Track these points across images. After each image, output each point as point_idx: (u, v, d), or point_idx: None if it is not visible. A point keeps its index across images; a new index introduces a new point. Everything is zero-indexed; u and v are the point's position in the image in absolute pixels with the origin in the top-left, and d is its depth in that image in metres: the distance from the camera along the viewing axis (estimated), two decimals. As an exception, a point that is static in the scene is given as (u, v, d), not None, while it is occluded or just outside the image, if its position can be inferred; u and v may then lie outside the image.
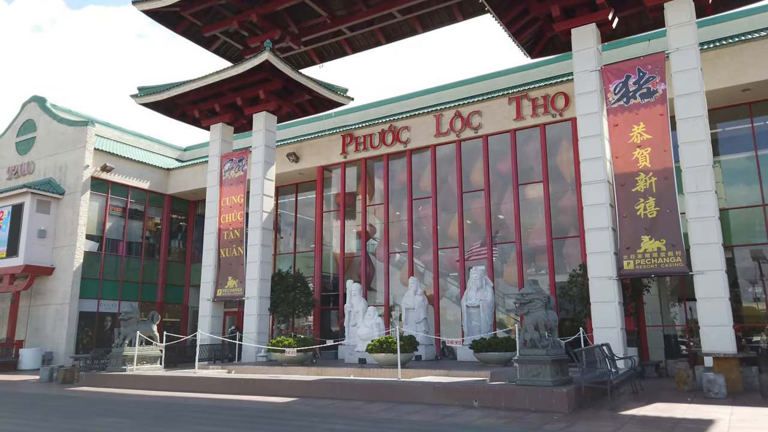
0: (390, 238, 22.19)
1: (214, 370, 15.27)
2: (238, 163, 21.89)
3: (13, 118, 29.00)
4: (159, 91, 22.12)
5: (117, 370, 15.07)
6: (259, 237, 20.68)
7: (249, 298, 20.30)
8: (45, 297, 24.74)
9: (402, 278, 22.14)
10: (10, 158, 28.24)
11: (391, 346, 13.23)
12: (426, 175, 22.00)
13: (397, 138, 22.38)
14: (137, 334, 15.47)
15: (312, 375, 13.62)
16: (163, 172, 29.15)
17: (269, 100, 21.41)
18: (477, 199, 20.76)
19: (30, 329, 24.55)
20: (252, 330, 19.74)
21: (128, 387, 14.05)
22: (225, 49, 23.93)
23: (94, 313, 25.09)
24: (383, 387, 10.73)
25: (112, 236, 26.58)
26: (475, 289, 16.75)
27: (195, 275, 29.41)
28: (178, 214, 29.79)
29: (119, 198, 27.03)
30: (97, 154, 25.90)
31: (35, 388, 14.69)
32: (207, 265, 21.73)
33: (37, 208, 24.69)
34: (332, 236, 24.51)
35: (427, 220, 21.73)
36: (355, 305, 19.17)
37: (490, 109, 20.51)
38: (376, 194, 23.25)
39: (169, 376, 13.86)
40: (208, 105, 22.53)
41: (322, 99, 22.79)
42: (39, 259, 24.43)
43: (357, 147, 23.37)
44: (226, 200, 21.82)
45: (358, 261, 23.63)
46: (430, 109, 21.98)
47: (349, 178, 23.90)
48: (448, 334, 19.39)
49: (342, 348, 18.80)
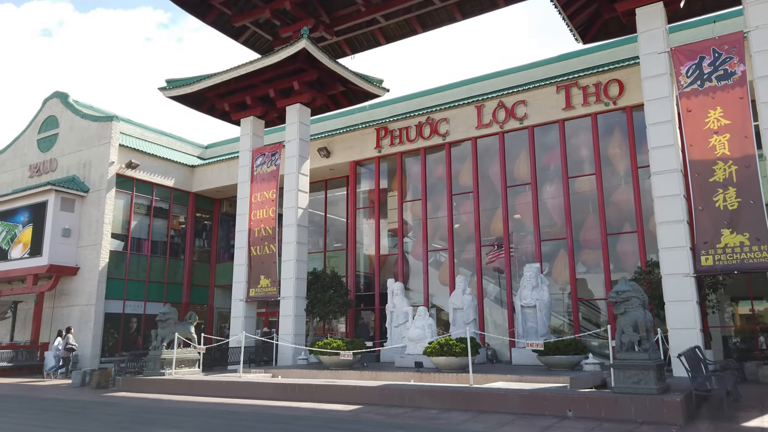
0: (428, 236, 21.21)
1: (258, 374, 14.36)
2: (271, 158, 21.00)
3: (35, 115, 28.30)
4: (188, 83, 21.30)
5: (155, 374, 14.19)
6: (294, 234, 19.78)
7: (285, 298, 19.39)
8: (69, 298, 23.96)
9: (441, 277, 21.18)
10: (32, 155, 27.52)
11: (453, 348, 12.25)
12: (466, 169, 21.02)
13: (435, 130, 21.42)
14: (175, 336, 14.59)
15: (367, 380, 12.68)
16: (188, 170, 28.34)
17: (303, 92, 20.51)
18: (522, 193, 19.76)
19: (54, 331, 23.75)
20: (288, 332, 18.83)
21: (169, 392, 13.17)
22: (254, 41, 23.10)
23: (120, 314, 24.28)
24: (458, 394, 9.76)
25: (137, 235, 25.77)
26: (530, 287, 15.75)
27: (220, 275, 28.64)
28: (202, 212, 28.98)
29: (144, 196, 26.23)
30: (121, 150, 25.11)
31: (70, 393, 13.84)
32: (238, 264, 20.85)
33: (61, 207, 23.92)
34: (363, 234, 23.59)
35: (468, 216, 20.74)
36: (398, 305, 18.22)
37: (536, 99, 19.50)
38: (412, 190, 22.29)
39: (212, 381, 12.96)
40: (238, 97, 21.67)
41: (357, 91, 21.88)
42: (63, 259, 23.65)
43: (392, 141, 22.42)
44: (257, 196, 20.94)
45: (392, 260, 22.69)
46: (470, 99, 20.99)
47: (383, 173, 22.97)
48: (494, 336, 18.36)
49: (385, 351, 17.84)
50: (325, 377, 13.61)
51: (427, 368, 13.41)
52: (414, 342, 14.63)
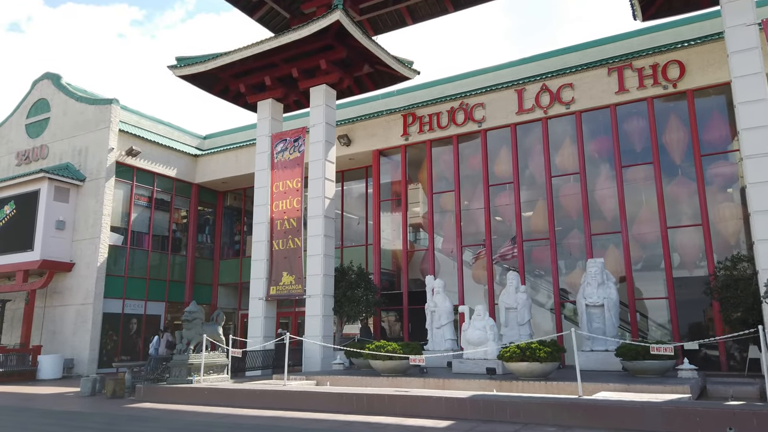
0: (462, 230, 19.67)
1: (300, 382, 12.59)
2: (294, 144, 19.22)
3: (22, 98, 26.01)
4: (201, 61, 19.41)
5: (181, 381, 12.33)
6: (321, 226, 18.04)
7: (311, 297, 17.63)
8: (63, 296, 21.80)
9: (476, 275, 19.66)
10: (20, 142, 25.25)
11: (537, 353, 10.69)
12: (504, 158, 19.54)
13: (470, 116, 19.89)
14: (203, 338, 12.74)
15: (434, 389, 11.03)
16: (191, 159, 26.36)
17: (330, 71, 18.80)
18: (568, 184, 18.35)
19: (46, 333, 21.60)
20: (316, 333, 17.07)
21: (201, 403, 11.33)
22: (269, 18, 21.30)
23: (119, 314, 22.20)
24: (578, 407, 8.17)
25: (137, 229, 23.70)
26: (595, 284, 14.28)
27: (224, 273, 26.70)
28: (204, 205, 26.99)
29: (145, 186, 24.18)
30: (121, 136, 23.06)
31: (84, 404, 11.89)
32: (258, 259, 19.00)
33: (54, 196, 21.76)
34: (387, 229, 21.93)
35: (507, 209, 19.25)
36: (440, 304, 16.61)
37: (584, 82, 18.11)
38: (443, 181, 20.72)
39: (253, 390, 11.17)
40: (256, 78, 19.84)
41: (384, 73, 20.24)
42: (57, 254, 21.50)
43: (421, 127, 20.83)
44: (279, 185, 19.13)
45: (419, 256, 21.10)
46: (510, 83, 19.52)
47: (408, 163, 21.36)
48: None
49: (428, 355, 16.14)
50: (380, 385, 11.94)
51: (503, 375, 11.82)
52: (474, 345, 13.04)
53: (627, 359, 11.63)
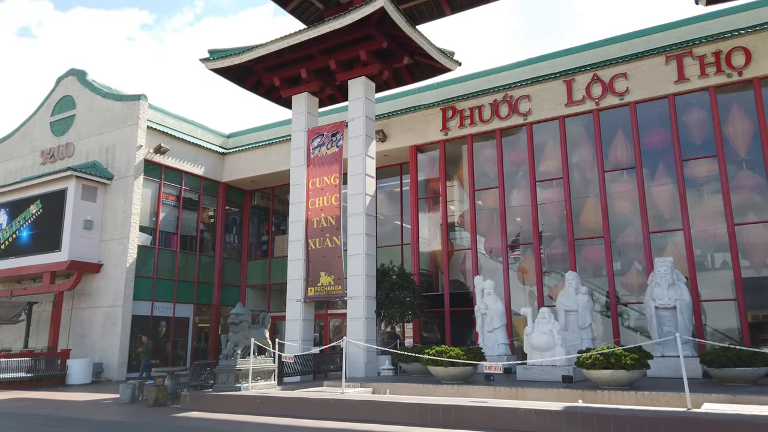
0: (507, 229, 18.75)
1: (357, 390, 11.72)
2: (332, 138, 18.41)
3: (47, 96, 25.46)
4: (236, 53, 18.68)
5: (229, 388, 11.51)
6: (362, 224, 17.21)
7: (353, 298, 16.79)
8: (91, 298, 21.13)
9: (521, 277, 18.73)
10: (44, 140, 24.67)
11: (623, 360, 9.75)
12: (551, 152, 18.61)
13: (515, 109, 18.99)
14: (251, 342, 11.92)
15: (509, 398, 10.15)
16: (218, 157, 25.65)
17: (370, 63, 17.98)
18: (623, 180, 17.39)
19: (74, 336, 20.93)
20: (359, 336, 16.21)
21: (254, 412, 10.50)
22: (303, 9, 20.49)
23: (148, 317, 21.49)
24: (694, 423, 7.25)
25: (165, 228, 23.00)
26: (665, 285, 13.28)
27: (251, 275, 25.97)
28: (231, 205, 26.26)
29: (172, 185, 23.48)
30: (149, 133, 22.39)
31: (129, 413, 11.09)
32: (294, 259, 18.19)
33: (82, 195, 21.12)
34: (423, 228, 21.06)
35: (555, 206, 18.32)
36: (491, 306, 15.71)
37: (640, 71, 17.15)
38: (484, 177, 19.82)
39: (308, 399, 10.32)
40: (292, 71, 19.06)
41: (424, 65, 19.38)
42: (85, 254, 20.84)
43: (461, 121, 19.95)
44: (316, 182, 18.32)
45: (458, 256, 20.21)
46: (558, 74, 18.59)
47: (447, 159, 20.48)
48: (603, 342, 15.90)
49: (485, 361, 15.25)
50: (445, 393, 11.06)
51: (582, 382, 10.89)
52: (540, 350, 12.11)
53: (716, 366, 10.66)
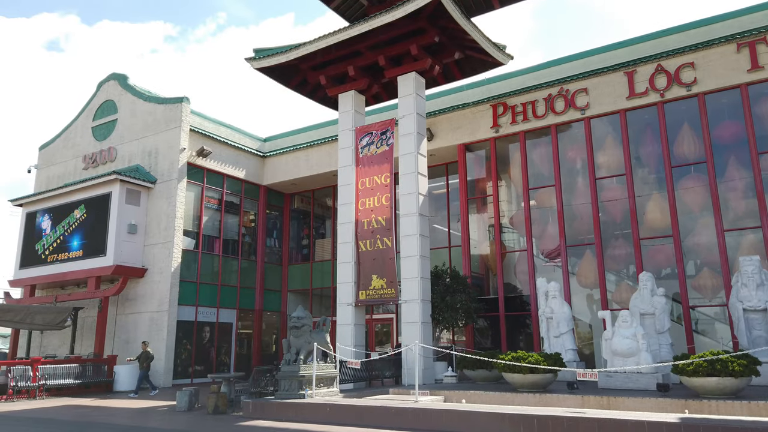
0: (566, 229, 17.91)
1: (428, 398, 11.01)
2: (381, 137, 17.81)
3: (88, 101, 25.45)
4: (282, 51, 18.23)
5: (293, 395, 10.91)
6: (415, 225, 16.53)
7: (407, 302, 16.10)
8: (136, 303, 20.85)
9: (581, 278, 17.84)
10: (86, 145, 24.63)
11: (730, 366, 8.87)
12: (611, 148, 17.76)
13: (572, 103, 18.18)
14: (314, 347, 11.32)
15: (599, 408, 9.33)
16: (258, 160, 25.32)
17: (420, 58, 17.33)
18: (691, 176, 16.43)
19: (119, 342, 20.66)
20: (415, 341, 15.47)
21: (324, 421, 9.87)
22: (347, 6, 19.95)
23: (192, 322, 21.12)
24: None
25: (208, 232, 22.68)
26: (753, 286, 12.32)
27: (293, 279, 25.50)
28: (272, 208, 25.86)
29: (214, 188, 23.18)
30: (191, 136, 22.13)
31: (192, 422, 10.56)
32: (344, 261, 17.59)
33: (126, 199, 20.90)
34: (472, 229, 20.31)
35: (617, 204, 17.42)
36: (557, 310, 14.88)
37: (708, 60, 16.21)
38: (538, 175, 19.03)
39: (384, 408, 9.65)
40: (338, 68, 18.53)
41: (475, 59, 18.64)
42: (129, 259, 20.59)
43: (513, 117, 19.22)
44: (365, 182, 17.72)
45: (510, 258, 19.41)
46: (618, 65, 17.72)
47: (489, 157, 19.73)
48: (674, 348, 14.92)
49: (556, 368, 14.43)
50: (526, 402, 10.30)
51: (673, 391, 10.03)
52: (622, 356, 11.25)
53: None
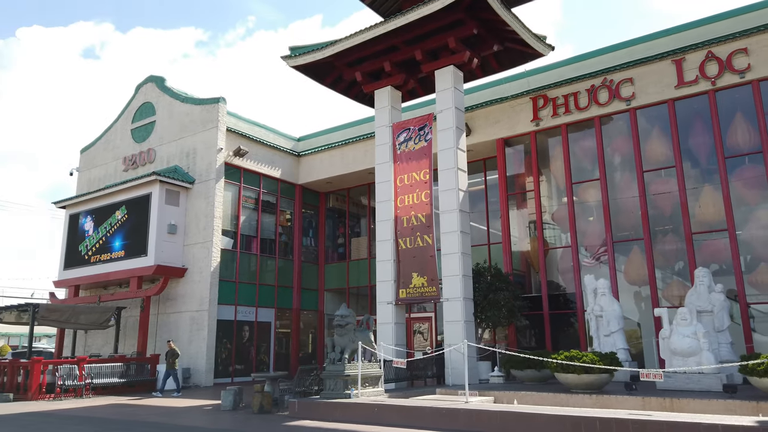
0: (612, 224, 17.32)
1: (477, 398, 10.68)
2: (419, 132, 17.52)
3: (126, 104, 25.85)
4: (318, 48, 18.11)
5: (340, 395, 10.74)
6: (456, 222, 16.20)
7: (449, 300, 15.78)
8: (176, 303, 21.06)
9: (628, 275, 17.22)
10: (126, 147, 25.00)
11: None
12: (659, 139, 17.09)
13: (616, 94, 17.57)
14: (359, 346, 11.12)
15: (661, 410, 8.87)
16: (294, 159, 25.31)
17: (459, 51, 16.97)
18: (745, 166, 15.68)
19: (160, 341, 20.86)
20: (458, 341, 15.11)
21: (373, 422, 9.65)
22: (381, 2, 19.69)
23: (231, 321, 21.21)
24: None
25: (246, 232, 22.76)
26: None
27: (329, 278, 25.42)
28: (307, 207, 25.82)
29: (251, 188, 23.25)
30: (228, 136, 22.23)
31: (240, 422, 10.46)
32: (383, 259, 17.36)
33: (166, 200, 21.11)
34: (512, 226, 19.83)
35: (666, 198, 16.76)
36: (606, 308, 14.36)
37: (762, 45, 15.44)
38: (581, 169, 18.46)
39: (434, 408, 9.37)
40: (374, 64, 18.30)
41: (514, 51, 18.17)
42: (170, 259, 20.79)
43: (555, 110, 18.69)
44: (404, 178, 17.46)
45: (554, 255, 18.88)
46: (665, 53, 17.03)
47: (529, 152, 19.21)
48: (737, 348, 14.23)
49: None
50: (582, 404, 9.89)
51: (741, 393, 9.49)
52: (682, 356, 10.72)
53: None
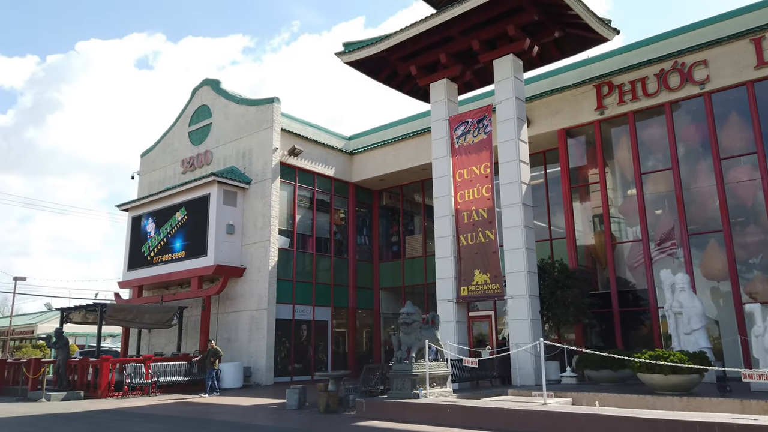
0: (687, 215, 16.31)
1: (555, 400, 10.13)
2: (477, 125, 16.99)
3: (183, 107, 26.37)
4: (371, 43, 17.87)
5: (408, 395, 10.41)
6: (519, 216, 15.59)
7: (514, 298, 15.20)
8: (236, 302, 21.26)
9: (705, 269, 16.17)
10: (183, 150, 25.50)
11: None
12: (737, 125, 15.97)
13: (689, 77, 16.53)
14: (426, 344, 10.75)
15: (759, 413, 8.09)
16: (346, 157, 25.18)
17: (517, 39, 16.35)
18: (839, 148, 14.41)
19: (221, 340, 21.11)
20: (525, 339, 14.57)
21: (444, 423, 9.26)
22: (435, -8, 19.28)
23: (290, 320, 21.24)
24: None
25: (301, 231, 22.78)
26: None
27: (384, 277, 25.16)
28: (360, 205, 25.65)
29: (306, 187, 23.25)
30: (283, 135, 22.29)
31: (309, 421, 10.26)
32: (443, 256, 16.94)
33: (224, 200, 21.35)
34: (576, 220, 19.01)
35: (746, 187, 15.64)
36: (687, 304, 13.44)
37: None
38: (650, 158, 17.49)
39: (510, 410, 8.90)
40: (429, 57, 17.89)
41: (576, 37, 17.36)
42: (229, 259, 21.01)
43: (621, 97, 17.78)
44: (463, 173, 16.97)
45: (621, 250, 17.96)
46: (742, 32, 15.90)
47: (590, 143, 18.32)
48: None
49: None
50: (670, 406, 9.21)
51: None
52: (780, 354, 9.84)
53: None
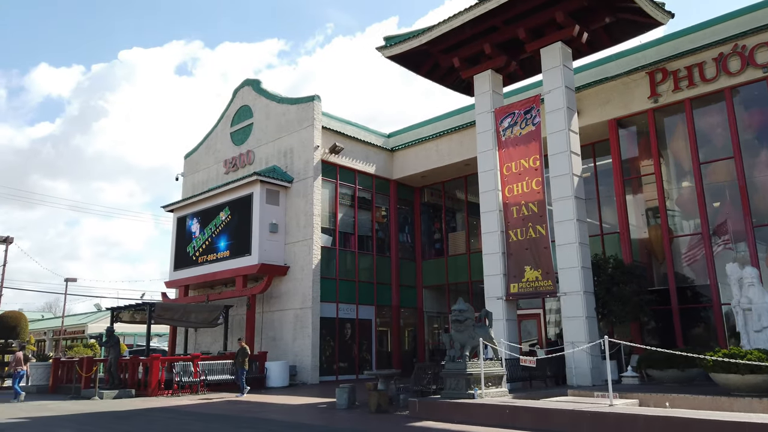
0: (752, 206, 15.40)
1: (622, 401, 9.57)
2: (525, 117, 16.45)
3: (225, 108, 26.60)
4: (413, 36, 17.54)
5: (462, 395, 10.04)
6: (571, 210, 15.00)
7: (567, 294, 14.62)
8: (280, 301, 21.26)
9: (773, 262, 15.21)
10: (226, 150, 25.72)
11: None
12: (807, 109, 14.96)
13: (750, 61, 15.60)
14: (480, 343, 10.36)
15: None
16: (387, 154, 24.92)
17: (566, 26, 15.74)
18: None
19: (266, 339, 21.16)
20: (581, 338, 14.00)
21: (502, 425, 8.86)
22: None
23: (333, 319, 21.11)
24: None
25: (343, 229, 22.63)
26: None
27: (427, 275, 24.78)
28: (402, 203, 25.34)
29: (347, 184, 23.10)
30: (324, 133, 22.19)
31: (361, 421, 10.03)
32: (490, 252, 16.47)
33: (267, 199, 21.38)
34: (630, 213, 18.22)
35: (818, 173, 14.63)
36: (756, 300, 12.57)
37: None
38: (709, 148, 16.60)
39: (574, 411, 8.43)
40: (472, 48, 17.43)
41: (627, 23, 16.62)
42: (273, 257, 21.03)
43: (676, 84, 16.93)
44: (511, 166, 16.45)
45: (679, 244, 17.10)
46: (811, 9, 14.92)
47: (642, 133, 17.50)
48: None
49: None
50: (749, 408, 8.56)
51: None
52: None
53: None
